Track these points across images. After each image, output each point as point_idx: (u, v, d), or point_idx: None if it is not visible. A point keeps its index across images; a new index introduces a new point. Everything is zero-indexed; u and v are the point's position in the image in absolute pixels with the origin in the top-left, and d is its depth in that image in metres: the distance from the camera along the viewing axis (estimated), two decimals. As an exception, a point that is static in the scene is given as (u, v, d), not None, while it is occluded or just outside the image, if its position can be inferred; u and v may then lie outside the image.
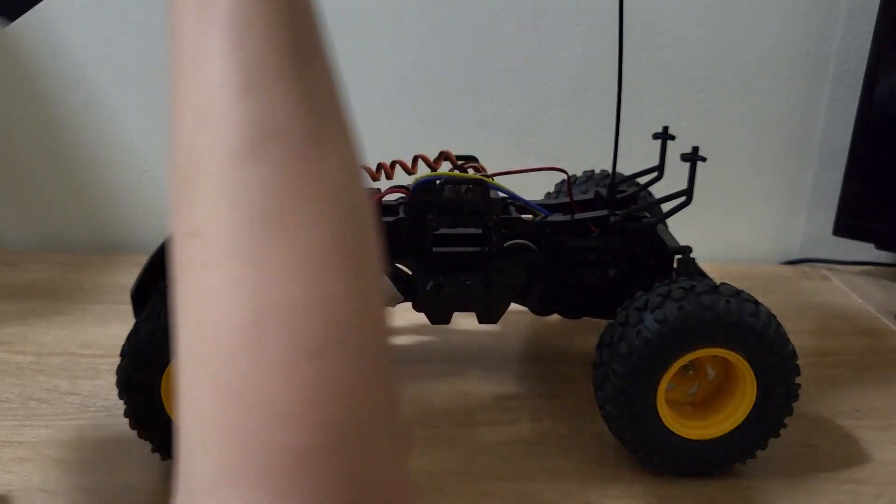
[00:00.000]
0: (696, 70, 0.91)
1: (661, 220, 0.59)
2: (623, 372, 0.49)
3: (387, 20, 0.88)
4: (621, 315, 0.51)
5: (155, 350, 0.48)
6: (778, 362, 0.49)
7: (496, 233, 0.58)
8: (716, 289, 0.49)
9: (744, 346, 0.49)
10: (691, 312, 0.48)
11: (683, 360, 0.49)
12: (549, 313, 0.62)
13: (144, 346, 0.48)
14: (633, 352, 0.48)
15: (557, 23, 0.89)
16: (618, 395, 0.50)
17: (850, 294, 0.89)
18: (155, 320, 0.47)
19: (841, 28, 0.90)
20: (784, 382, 0.50)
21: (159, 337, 0.47)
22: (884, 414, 0.62)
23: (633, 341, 0.49)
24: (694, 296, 0.49)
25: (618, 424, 0.51)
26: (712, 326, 0.48)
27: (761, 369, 0.49)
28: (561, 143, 0.94)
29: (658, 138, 0.62)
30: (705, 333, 0.48)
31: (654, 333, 0.48)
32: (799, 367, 0.50)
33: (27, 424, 0.57)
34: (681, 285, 0.50)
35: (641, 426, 0.50)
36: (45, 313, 0.76)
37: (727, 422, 0.51)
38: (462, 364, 0.68)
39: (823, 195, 0.97)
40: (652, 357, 0.48)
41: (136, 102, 0.91)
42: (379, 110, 0.92)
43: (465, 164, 0.61)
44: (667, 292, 0.49)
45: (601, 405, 0.52)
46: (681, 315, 0.48)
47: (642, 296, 0.51)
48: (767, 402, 0.50)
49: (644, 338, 0.48)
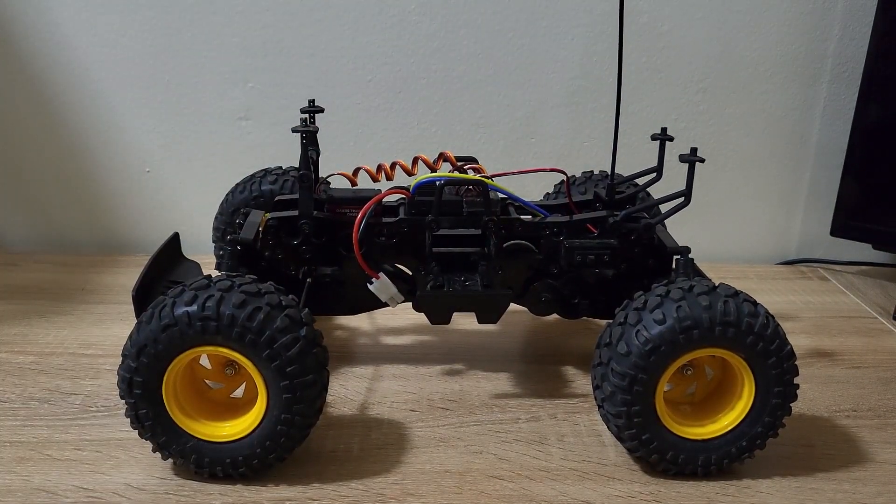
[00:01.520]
0: (695, 71, 0.92)
1: (660, 221, 0.59)
2: (622, 371, 0.49)
3: (387, 21, 0.89)
4: (620, 315, 0.51)
5: (156, 351, 0.48)
6: (776, 362, 0.49)
7: (495, 233, 0.58)
8: (714, 289, 0.50)
9: (742, 347, 0.49)
10: (690, 313, 0.48)
11: (682, 360, 0.49)
12: (548, 313, 0.63)
13: (145, 346, 0.48)
14: (631, 351, 0.49)
15: (557, 24, 0.89)
16: (616, 394, 0.50)
17: (847, 294, 0.89)
18: (156, 321, 0.48)
19: (838, 30, 0.91)
20: (782, 382, 0.50)
21: (160, 338, 0.47)
22: (881, 413, 0.63)
23: (632, 341, 0.49)
24: (692, 296, 0.49)
25: (616, 424, 0.51)
26: (710, 327, 0.48)
27: (759, 369, 0.50)
28: (560, 143, 0.94)
29: (656, 139, 0.62)
30: (703, 334, 0.48)
31: (653, 334, 0.48)
32: (797, 367, 0.50)
33: (28, 424, 0.57)
34: (679, 285, 0.50)
35: (640, 425, 0.50)
36: (46, 314, 0.76)
37: (724, 421, 0.52)
38: (462, 364, 0.68)
39: (821, 196, 0.97)
40: (650, 357, 0.48)
41: (138, 103, 0.92)
42: (379, 111, 0.92)
43: (465, 166, 0.61)
44: (665, 292, 0.50)
45: (600, 404, 0.52)
46: (679, 315, 0.48)
47: (641, 296, 0.51)
48: (765, 402, 0.50)
49: (643, 338, 0.48)
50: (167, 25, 0.88)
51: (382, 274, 0.59)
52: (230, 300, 0.47)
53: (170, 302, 0.48)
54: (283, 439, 0.49)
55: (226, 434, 0.50)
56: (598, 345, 0.52)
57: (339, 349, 0.70)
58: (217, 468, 0.50)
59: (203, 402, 0.53)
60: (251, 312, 0.47)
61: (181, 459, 0.51)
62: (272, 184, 0.71)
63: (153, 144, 0.94)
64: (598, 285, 0.60)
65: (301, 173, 0.57)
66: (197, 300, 0.47)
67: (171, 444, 0.50)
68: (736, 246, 1.00)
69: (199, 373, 0.53)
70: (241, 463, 0.50)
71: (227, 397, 0.54)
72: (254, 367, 0.48)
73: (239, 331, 0.47)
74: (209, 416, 0.52)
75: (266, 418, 0.49)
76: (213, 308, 0.47)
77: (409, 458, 0.54)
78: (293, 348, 0.47)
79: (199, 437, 0.50)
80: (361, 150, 0.92)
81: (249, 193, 0.71)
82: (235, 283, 0.48)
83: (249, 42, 0.89)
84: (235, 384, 0.54)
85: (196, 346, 0.48)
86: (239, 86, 0.91)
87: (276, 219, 0.60)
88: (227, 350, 0.48)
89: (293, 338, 0.47)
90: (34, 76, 0.91)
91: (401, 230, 0.59)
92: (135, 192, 0.96)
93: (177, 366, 0.49)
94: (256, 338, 0.47)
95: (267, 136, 0.93)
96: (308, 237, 0.59)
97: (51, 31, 0.88)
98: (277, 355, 0.47)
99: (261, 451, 0.50)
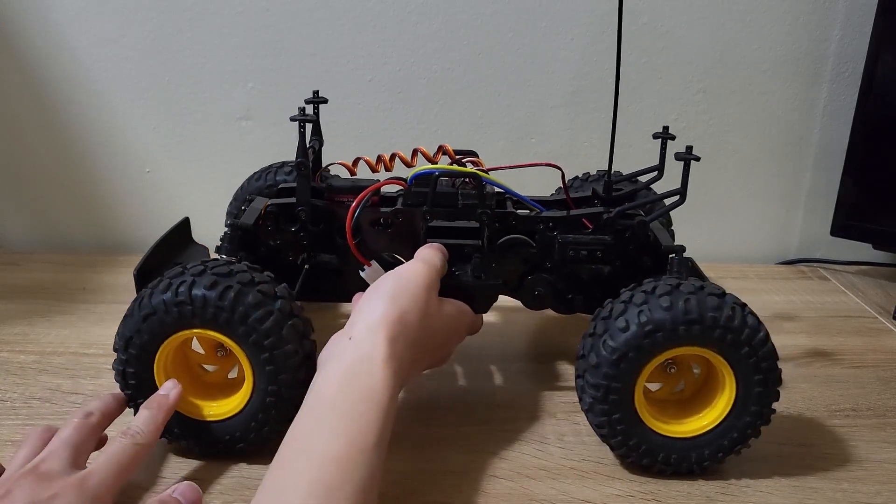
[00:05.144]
0: (695, 71, 0.92)
1: (654, 219, 0.59)
2: (595, 383, 0.49)
3: (387, 21, 0.89)
4: (591, 325, 0.51)
5: (141, 341, 0.49)
6: (749, 352, 0.48)
7: (490, 226, 0.58)
8: (677, 287, 0.49)
9: (711, 342, 0.48)
10: (651, 316, 0.48)
11: (653, 363, 0.49)
12: (542, 307, 0.63)
13: (131, 338, 0.49)
14: (601, 362, 0.49)
15: (557, 24, 0.89)
16: (595, 405, 0.50)
17: (847, 294, 0.89)
18: (137, 312, 0.49)
19: (838, 31, 0.91)
20: (760, 370, 0.49)
21: (143, 328, 0.49)
22: (881, 413, 0.63)
23: (600, 352, 0.49)
24: (654, 298, 0.48)
25: (601, 433, 0.52)
26: (673, 328, 0.47)
27: (735, 361, 0.49)
28: (560, 143, 0.94)
29: (658, 138, 0.62)
30: (667, 335, 0.48)
31: (619, 342, 0.48)
32: (775, 352, 0.49)
33: (30, 424, 0.57)
34: (643, 288, 0.50)
35: (624, 432, 0.51)
36: (47, 313, 0.76)
37: (711, 416, 0.51)
38: (462, 363, 0.68)
39: (821, 195, 0.97)
40: (619, 365, 0.48)
41: (138, 103, 0.92)
42: (379, 110, 0.92)
43: (464, 159, 0.61)
44: (629, 297, 0.50)
45: (585, 412, 0.53)
46: (641, 320, 0.48)
47: (609, 304, 0.51)
48: (748, 393, 0.50)
49: (609, 347, 0.49)
50: (167, 25, 0.88)
51: (374, 262, 0.60)
52: (201, 283, 0.48)
53: (148, 293, 0.49)
54: (273, 411, 0.51)
55: (221, 412, 0.52)
56: (577, 357, 0.52)
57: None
58: (218, 446, 0.52)
59: (201, 387, 0.54)
60: (222, 292, 0.48)
61: (183, 442, 0.52)
62: (288, 174, 0.73)
63: (153, 144, 0.94)
64: (594, 281, 0.60)
65: (298, 161, 0.58)
66: (171, 287, 0.48)
67: (172, 428, 0.51)
68: (736, 246, 1.00)
69: (194, 357, 0.55)
70: (238, 438, 0.52)
71: (223, 379, 0.55)
72: (235, 345, 0.49)
73: (213, 311, 0.48)
74: (207, 397, 0.53)
75: (255, 393, 0.50)
76: (186, 293, 0.48)
77: (409, 458, 0.54)
78: (267, 321, 0.48)
79: (197, 418, 0.52)
80: (361, 150, 0.91)
81: (265, 182, 0.73)
82: (208, 267, 0.49)
83: (249, 42, 0.89)
84: (229, 365, 0.55)
85: (177, 332, 0.49)
86: (239, 86, 0.91)
87: (276, 205, 0.60)
88: (207, 331, 0.49)
89: (266, 311, 0.48)
90: (34, 76, 0.91)
91: (396, 220, 0.59)
92: (135, 192, 0.97)
93: (164, 352, 0.50)
94: (230, 316, 0.48)
95: (267, 135, 0.93)
96: (305, 224, 0.60)
97: (51, 31, 0.89)
98: (252, 330, 0.48)
99: (255, 424, 0.51)
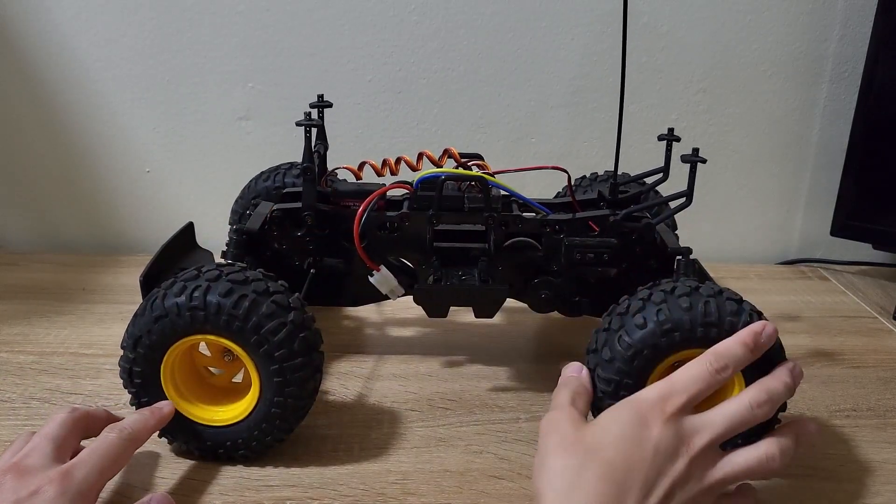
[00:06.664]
0: (695, 71, 0.92)
1: (661, 221, 0.59)
2: (607, 378, 0.49)
3: (387, 21, 0.89)
4: (605, 320, 0.51)
5: (150, 341, 0.49)
6: (763, 360, 0.47)
7: (496, 230, 0.58)
8: (696, 289, 0.49)
9: None
10: (670, 315, 0.47)
11: (666, 362, 0.49)
12: (548, 310, 0.63)
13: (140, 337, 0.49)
14: (615, 357, 0.49)
15: (557, 24, 0.89)
16: (604, 399, 0.50)
17: (847, 294, 0.89)
18: (149, 313, 0.49)
19: (838, 31, 0.91)
20: (765, 372, 0.48)
21: (154, 329, 0.49)
22: (881, 413, 0.63)
23: (615, 347, 0.49)
24: (674, 298, 0.48)
25: None
26: (692, 328, 0.47)
27: (747, 368, 0.48)
28: (560, 143, 0.94)
29: (663, 140, 0.62)
30: (685, 336, 0.47)
31: (635, 339, 0.48)
32: (783, 349, 0.49)
33: (29, 424, 0.57)
34: (662, 287, 0.50)
35: None
36: (46, 313, 0.76)
37: None
38: (462, 363, 0.68)
39: (821, 196, 0.97)
40: (634, 362, 0.48)
41: (138, 103, 0.92)
42: (379, 111, 0.92)
43: (470, 162, 0.61)
44: (648, 295, 0.49)
45: (592, 407, 0.52)
46: (660, 318, 0.48)
47: (625, 300, 0.51)
48: None
49: (625, 343, 0.48)
50: (167, 25, 0.88)
51: (383, 267, 0.59)
52: (217, 289, 0.48)
53: (161, 294, 0.49)
54: (277, 421, 0.50)
55: (225, 418, 0.52)
56: (587, 351, 0.52)
57: (340, 349, 0.70)
58: (219, 451, 0.52)
59: (205, 389, 0.54)
60: (237, 300, 0.48)
61: (184, 444, 0.52)
62: (296, 177, 0.72)
63: (153, 144, 0.94)
64: (600, 284, 0.60)
65: (304, 166, 0.58)
66: (185, 291, 0.48)
67: (173, 429, 0.51)
68: (736, 246, 1.00)
69: (200, 360, 0.54)
70: (240, 445, 0.51)
71: (228, 382, 0.55)
72: (244, 353, 0.49)
73: (226, 318, 0.48)
74: (211, 401, 0.53)
75: (260, 401, 0.50)
76: (201, 298, 0.47)
77: (409, 458, 0.54)
78: (280, 333, 0.48)
79: (199, 422, 0.52)
80: (361, 150, 0.92)
81: (272, 183, 0.72)
82: (224, 272, 0.49)
83: (249, 42, 0.89)
84: (235, 369, 0.55)
85: (187, 336, 0.49)
86: (239, 86, 0.91)
87: (281, 210, 0.60)
88: (218, 338, 0.49)
89: (279, 323, 0.48)
90: (34, 76, 0.91)
91: (402, 224, 0.59)
92: (135, 192, 0.97)
93: (172, 355, 0.50)
94: (243, 324, 0.48)
95: (267, 135, 0.93)
96: (311, 228, 0.60)
97: (51, 31, 0.88)
98: (265, 340, 0.48)
99: (258, 433, 0.51)
